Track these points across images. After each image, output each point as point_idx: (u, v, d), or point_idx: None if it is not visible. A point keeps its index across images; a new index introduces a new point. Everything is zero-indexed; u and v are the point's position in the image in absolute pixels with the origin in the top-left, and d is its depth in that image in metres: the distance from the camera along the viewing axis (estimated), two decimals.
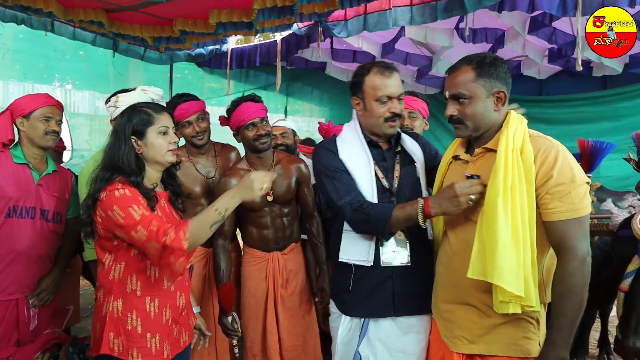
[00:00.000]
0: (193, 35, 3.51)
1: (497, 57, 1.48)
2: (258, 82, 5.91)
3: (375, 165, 1.80)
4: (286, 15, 3.10)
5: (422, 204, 1.56)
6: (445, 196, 1.50)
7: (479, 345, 1.45)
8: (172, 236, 1.48)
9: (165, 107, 1.73)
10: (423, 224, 1.58)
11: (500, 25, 4.29)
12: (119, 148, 1.61)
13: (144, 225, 1.50)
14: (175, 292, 1.69)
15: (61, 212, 2.32)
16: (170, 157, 1.68)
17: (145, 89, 2.35)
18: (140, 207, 1.53)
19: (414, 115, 2.50)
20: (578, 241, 1.34)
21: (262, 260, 2.35)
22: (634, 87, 4.92)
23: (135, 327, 1.59)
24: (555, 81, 5.40)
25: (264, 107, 2.32)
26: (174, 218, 1.71)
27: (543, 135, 1.44)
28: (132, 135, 1.62)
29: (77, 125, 4.95)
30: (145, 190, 1.60)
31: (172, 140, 1.67)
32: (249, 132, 2.25)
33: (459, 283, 1.50)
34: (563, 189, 1.33)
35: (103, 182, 1.59)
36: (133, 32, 3.44)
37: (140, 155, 1.64)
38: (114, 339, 1.59)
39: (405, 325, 1.75)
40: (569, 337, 1.32)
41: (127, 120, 1.64)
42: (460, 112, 1.47)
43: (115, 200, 1.53)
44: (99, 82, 4.94)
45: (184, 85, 5.72)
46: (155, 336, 1.61)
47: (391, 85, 1.73)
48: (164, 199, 1.72)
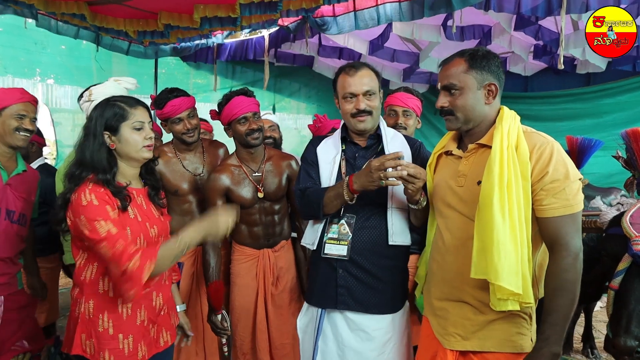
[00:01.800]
0: (178, 29, 3.45)
1: (489, 51, 1.48)
2: (245, 78, 5.86)
3: (343, 160, 1.85)
4: (271, 11, 3.07)
5: (347, 180, 1.68)
6: (364, 171, 1.63)
7: (472, 341, 1.45)
8: (136, 264, 1.44)
9: (140, 101, 1.66)
10: (349, 199, 1.68)
11: (487, 22, 4.31)
12: (89, 144, 1.56)
13: (108, 244, 1.46)
14: (150, 292, 1.64)
15: (26, 214, 2.20)
16: (146, 153, 1.62)
17: (117, 79, 2.28)
18: (107, 221, 1.47)
19: (408, 113, 2.47)
20: (572, 237, 1.34)
21: (252, 257, 2.33)
22: (617, 84, 4.99)
23: (107, 329, 1.55)
24: (540, 78, 5.46)
25: (256, 102, 2.28)
26: (153, 215, 1.67)
27: (537, 132, 1.44)
28: (105, 131, 1.57)
29: (60, 121, 4.86)
30: (116, 189, 1.54)
31: (147, 135, 1.61)
32: (241, 127, 2.22)
33: (452, 280, 1.49)
34: (558, 186, 1.34)
35: (73, 180, 1.54)
36: (117, 25, 3.37)
37: (114, 151, 1.59)
38: (85, 340, 1.56)
39: (354, 322, 1.76)
40: (562, 332, 1.32)
41: (99, 115, 1.58)
42: (451, 103, 1.48)
43: (83, 210, 1.47)
44: (82, 76, 4.84)
45: (170, 81, 5.64)
46: (127, 337, 1.57)
47: (354, 84, 1.79)
48: (142, 196, 1.67)
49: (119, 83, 2.27)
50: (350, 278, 1.76)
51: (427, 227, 1.72)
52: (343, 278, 1.76)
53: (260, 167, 2.30)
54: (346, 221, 1.78)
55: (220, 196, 2.24)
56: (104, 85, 2.22)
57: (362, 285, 1.76)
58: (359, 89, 1.78)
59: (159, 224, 1.68)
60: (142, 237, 1.58)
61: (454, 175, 1.52)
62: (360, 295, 1.75)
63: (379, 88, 1.84)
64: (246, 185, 2.25)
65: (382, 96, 1.87)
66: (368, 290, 1.75)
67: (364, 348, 1.74)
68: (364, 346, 1.74)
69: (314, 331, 1.83)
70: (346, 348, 1.75)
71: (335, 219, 1.81)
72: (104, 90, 2.20)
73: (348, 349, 1.75)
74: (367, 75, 1.80)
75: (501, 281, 1.30)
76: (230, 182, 2.24)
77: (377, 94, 1.82)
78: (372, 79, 1.81)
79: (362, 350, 1.74)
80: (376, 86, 1.82)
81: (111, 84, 2.25)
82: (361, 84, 1.78)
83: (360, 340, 1.74)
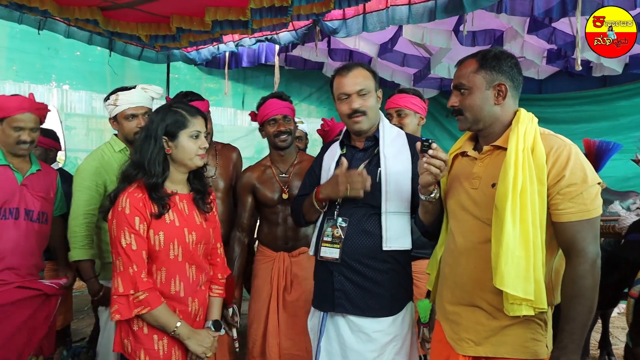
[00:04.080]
0: (190, 33, 3.47)
1: (503, 51, 1.47)
2: (256, 83, 5.89)
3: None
4: (282, 15, 3.08)
5: (316, 189, 1.78)
6: (330, 181, 1.73)
7: (485, 347, 1.42)
8: (139, 297, 1.55)
9: (200, 111, 1.72)
10: (319, 207, 1.78)
11: (499, 26, 4.26)
12: (148, 146, 1.62)
13: (124, 261, 1.56)
14: (185, 297, 1.67)
15: (47, 212, 2.27)
16: (199, 161, 1.69)
17: (145, 87, 2.35)
18: (131, 233, 1.56)
19: (402, 113, 2.41)
20: (589, 243, 1.31)
21: (270, 259, 2.35)
22: (634, 85, 4.90)
23: (141, 328, 1.61)
24: (554, 80, 5.38)
25: (288, 105, 2.34)
26: (194, 221, 1.69)
27: (554, 134, 1.41)
28: (164, 136, 1.62)
29: (74, 126, 4.92)
30: (159, 196, 1.60)
31: (202, 145, 1.68)
32: (270, 128, 2.30)
33: (465, 284, 1.46)
34: (575, 190, 1.30)
35: (127, 180, 1.62)
36: (129, 30, 3.39)
37: (169, 156, 1.65)
38: (123, 338, 1.62)
39: (354, 324, 1.76)
40: (581, 341, 1.29)
41: (161, 120, 1.64)
42: (461, 102, 1.47)
43: (117, 214, 1.58)
44: (96, 82, 4.91)
45: (181, 86, 5.68)
46: (162, 339, 1.62)
47: (347, 84, 1.78)
48: (186, 201, 1.71)
49: (146, 91, 2.35)
50: (346, 282, 1.76)
51: (435, 229, 1.68)
52: (339, 282, 1.76)
53: (289, 170, 2.36)
54: (339, 224, 1.78)
55: (247, 192, 2.36)
56: (131, 93, 2.29)
57: (359, 288, 1.75)
58: (351, 88, 1.78)
59: (200, 230, 1.70)
60: (177, 242, 1.63)
61: (468, 177, 1.49)
62: (357, 299, 1.75)
63: (375, 88, 1.82)
64: (272, 184, 2.33)
65: (380, 96, 1.85)
66: (365, 294, 1.74)
67: (364, 349, 1.73)
68: (364, 347, 1.73)
69: (318, 332, 1.83)
70: (347, 349, 1.75)
71: (330, 222, 1.80)
72: (130, 97, 2.28)
73: (349, 349, 1.75)
74: (360, 74, 1.79)
75: (505, 287, 1.28)
76: (257, 181, 2.34)
77: (371, 93, 1.80)
78: (365, 78, 1.80)
79: (362, 351, 1.73)
80: (371, 85, 1.80)
81: (138, 91, 2.32)
82: (354, 84, 1.78)
83: (361, 342, 1.74)
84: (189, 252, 1.66)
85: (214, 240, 1.81)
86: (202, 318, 1.76)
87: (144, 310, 1.55)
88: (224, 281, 1.87)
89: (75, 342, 3.46)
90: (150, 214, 1.59)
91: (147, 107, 2.32)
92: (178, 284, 1.65)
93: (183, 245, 1.64)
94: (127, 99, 2.27)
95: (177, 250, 1.63)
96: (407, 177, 1.78)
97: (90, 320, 3.84)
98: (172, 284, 1.64)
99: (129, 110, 2.26)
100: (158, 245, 1.60)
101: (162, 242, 1.60)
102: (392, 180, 1.76)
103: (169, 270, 1.63)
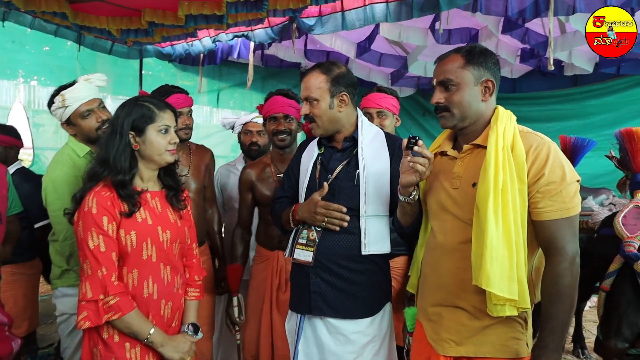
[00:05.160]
0: (163, 27, 3.38)
1: (486, 49, 1.45)
2: (232, 80, 5.80)
3: (318, 165, 1.82)
4: (257, 9, 3.03)
5: (293, 208, 1.77)
6: (308, 208, 1.71)
7: (466, 347, 1.41)
8: (109, 302, 1.47)
9: (169, 105, 1.64)
10: (292, 225, 1.78)
11: (475, 25, 4.31)
12: (114, 142, 1.54)
13: (92, 264, 1.48)
14: (159, 300, 1.59)
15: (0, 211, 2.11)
16: (169, 157, 1.62)
17: (87, 78, 2.13)
18: (99, 235, 1.48)
19: (383, 114, 2.37)
20: (568, 241, 1.31)
21: (265, 258, 2.33)
22: (604, 85, 5.02)
23: (112, 336, 1.52)
24: (527, 79, 5.48)
25: (292, 104, 2.27)
26: (167, 219, 1.62)
27: (533, 132, 1.40)
28: (131, 131, 1.55)
29: (42, 123, 4.75)
30: (127, 194, 1.53)
31: (172, 140, 1.61)
32: (270, 126, 2.27)
33: (447, 285, 1.45)
34: (554, 188, 1.30)
35: (94, 179, 1.55)
36: (99, 24, 3.28)
37: (137, 152, 1.57)
38: (92, 347, 1.54)
39: (332, 326, 1.73)
40: (561, 339, 1.29)
41: (127, 114, 1.56)
42: (447, 99, 1.43)
43: (83, 215, 1.50)
44: (65, 77, 4.63)
45: (156, 82, 5.53)
46: (135, 347, 1.53)
47: (302, 88, 1.76)
48: (158, 198, 1.63)
49: (90, 82, 2.12)
50: (322, 283, 1.72)
51: (413, 229, 1.66)
52: (316, 284, 1.73)
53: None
54: (315, 227, 1.74)
55: (247, 190, 2.34)
56: (76, 88, 2.06)
57: (335, 290, 1.71)
58: (302, 93, 1.75)
59: (174, 228, 1.64)
60: (150, 241, 1.56)
61: (448, 177, 1.47)
62: (334, 301, 1.71)
63: (332, 92, 1.72)
64: (269, 183, 2.30)
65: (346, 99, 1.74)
66: (342, 296, 1.71)
67: (343, 351, 1.70)
68: (342, 349, 1.70)
69: (295, 335, 1.80)
70: (326, 351, 1.72)
71: (306, 225, 1.77)
72: (78, 93, 2.04)
73: (328, 352, 1.72)
74: (311, 78, 1.73)
75: (492, 287, 1.27)
76: (255, 178, 2.32)
77: (322, 99, 1.71)
78: (317, 82, 1.72)
79: (340, 353, 1.70)
80: (321, 91, 1.71)
81: (83, 84, 2.09)
82: (304, 89, 1.75)
83: (339, 344, 1.71)
84: (164, 252, 1.59)
85: (190, 240, 1.75)
86: (178, 324, 1.69)
87: (114, 316, 1.47)
88: (200, 283, 1.80)
89: (43, 348, 3.34)
90: (119, 213, 1.52)
91: (98, 98, 2.12)
92: (151, 286, 1.57)
93: (157, 244, 1.57)
94: (76, 95, 2.04)
95: (150, 250, 1.56)
96: (386, 179, 1.74)
97: None
98: (145, 285, 1.56)
99: (82, 107, 2.03)
100: (130, 245, 1.52)
101: (135, 241, 1.52)
102: (371, 182, 1.71)
103: (142, 271, 1.56)
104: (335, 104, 1.73)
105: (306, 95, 1.73)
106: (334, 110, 1.73)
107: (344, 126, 1.78)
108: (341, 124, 1.77)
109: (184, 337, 1.64)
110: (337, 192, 1.73)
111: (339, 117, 1.75)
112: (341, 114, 1.75)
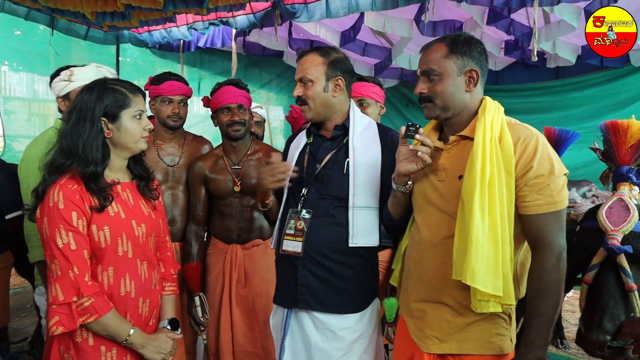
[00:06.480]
0: (140, 10, 3.25)
1: (472, 37, 1.41)
2: (213, 68, 5.69)
3: (307, 154, 1.77)
4: None
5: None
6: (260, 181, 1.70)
7: (450, 344, 1.38)
8: (84, 304, 1.36)
9: (140, 89, 1.55)
10: (262, 207, 1.81)
11: (459, 17, 4.29)
12: (83, 130, 1.40)
13: (62, 264, 1.36)
14: (136, 298, 1.50)
15: None
16: (144, 144, 1.52)
17: (99, 66, 2.22)
18: (68, 231, 1.36)
19: (365, 102, 2.32)
20: (555, 236, 1.28)
21: (222, 252, 2.26)
22: (585, 78, 5.07)
23: (86, 339, 1.42)
24: (510, 71, 5.50)
25: (244, 94, 2.23)
26: (141, 212, 1.53)
27: (521, 123, 1.37)
28: (103, 117, 1.43)
29: (14, 110, 4.60)
30: (99, 187, 1.41)
31: (147, 126, 1.51)
32: (223, 117, 2.20)
33: (430, 280, 1.41)
34: (542, 181, 1.27)
35: (57, 171, 1.41)
36: (72, 6, 3.14)
37: (109, 140, 1.46)
38: (63, 353, 1.43)
39: (320, 321, 1.68)
40: (547, 336, 1.27)
41: (98, 99, 1.43)
42: (430, 89, 1.39)
43: (48, 211, 1.37)
44: (38, 63, 4.59)
45: (133, 70, 5.41)
46: (111, 350, 1.44)
47: (297, 70, 1.72)
48: (130, 190, 1.53)
49: (100, 70, 2.19)
50: (311, 277, 1.67)
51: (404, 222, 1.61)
52: (303, 277, 1.67)
53: (242, 161, 2.25)
54: (302, 216, 1.69)
55: (199, 183, 2.26)
56: (87, 69, 2.14)
57: (324, 284, 1.66)
58: (296, 75, 1.71)
59: (149, 221, 1.54)
60: (125, 236, 1.46)
61: (434, 169, 1.43)
62: (322, 295, 1.66)
63: (327, 75, 1.67)
64: (224, 176, 2.23)
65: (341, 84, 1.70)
66: (330, 290, 1.66)
67: (330, 348, 1.65)
68: (330, 346, 1.66)
69: (281, 331, 1.75)
70: (312, 348, 1.67)
71: (293, 214, 1.71)
72: (87, 73, 2.11)
73: (314, 348, 1.67)
74: (307, 60, 1.69)
75: (477, 283, 1.24)
76: (208, 171, 2.24)
77: (316, 81, 1.66)
78: (313, 64, 1.67)
79: (328, 349, 1.65)
80: (317, 72, 1.67)
81: (92, 69, 2.16)
82: (299, 71, 1.70)
83: (327, 340, 1.66)
84: (140, 247, 1.51)
85: (164, 233, 1.67)
86: (155, 322, 1.61)
87: (90, 319, 1.36)
88: (176, 277, 1.73)
89: (16, 342, 3.24)
90: (90, 208, 1.41)
91: None
92: (129, 284, 1.48)
93: (132, 239, 1.48)
94: (84, 75, 2.09)
95: (126, 246, 1.47)
96: (376, 170, 1.69)
97: (32, 318, 3.60)
98: (121, 284, 1.47)
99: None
100: (104, 241, 1.43)
101: (109, 237, 1.43)
102: (360, 172, 1.66)
103: (118, 268, 1.46)
104: (330, 87, 1.69)
105: (301, 76, 1.68)
106: (328, 94, 1.69)
107: (336, 113, 1.73)
108: (333, 110, 1.72)
109: (165, 336, 1.56)
110: (325, 182, 1.69)
111: (332, 103, 1.71)
112: (334, 100, 1.71)
